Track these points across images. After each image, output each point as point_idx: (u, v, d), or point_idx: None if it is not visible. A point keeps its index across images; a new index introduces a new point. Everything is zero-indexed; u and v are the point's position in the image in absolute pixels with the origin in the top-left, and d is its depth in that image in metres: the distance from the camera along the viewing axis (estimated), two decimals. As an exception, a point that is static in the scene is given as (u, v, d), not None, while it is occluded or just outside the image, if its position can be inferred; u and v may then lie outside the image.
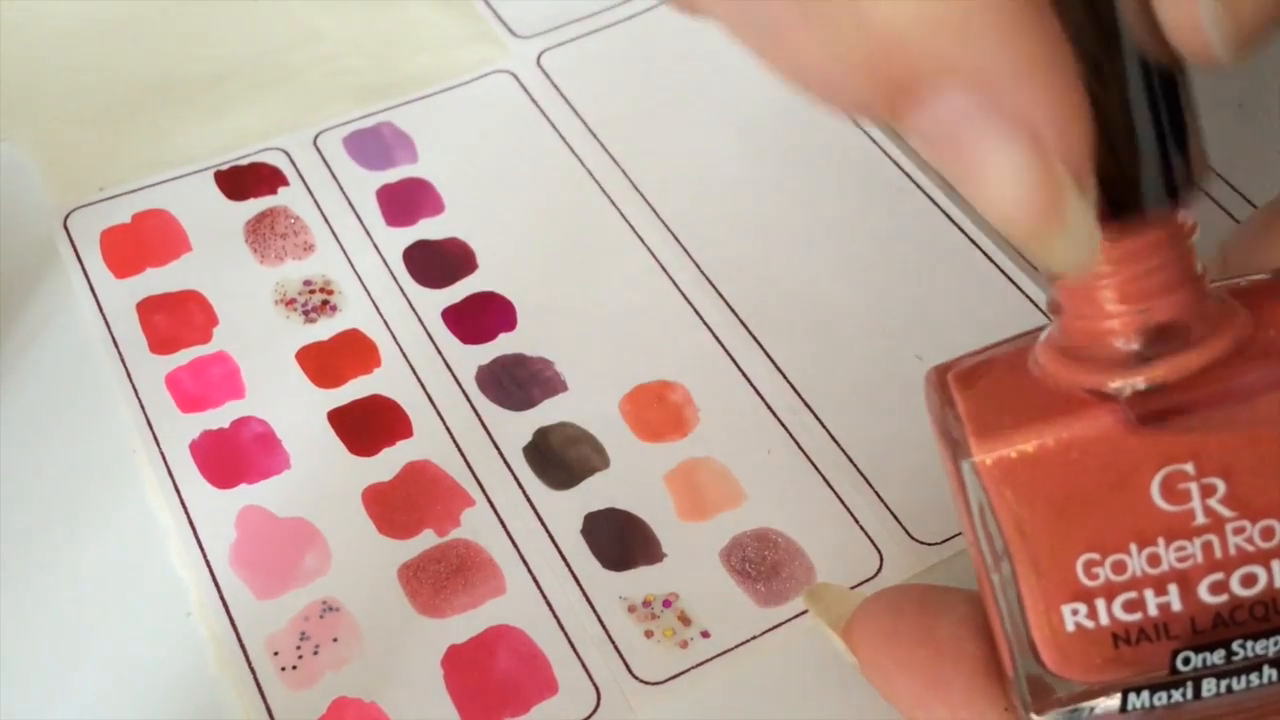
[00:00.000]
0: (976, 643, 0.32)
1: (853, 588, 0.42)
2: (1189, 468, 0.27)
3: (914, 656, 0.32)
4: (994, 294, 0.48)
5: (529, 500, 0.44)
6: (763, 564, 0.43)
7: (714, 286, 0.50)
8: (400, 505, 0.44)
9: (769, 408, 0.46)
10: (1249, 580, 0.28)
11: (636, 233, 0.51)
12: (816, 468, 0.45)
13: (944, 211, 0.51)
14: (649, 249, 0.51)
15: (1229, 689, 0.29)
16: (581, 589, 0.42)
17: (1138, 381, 0.27)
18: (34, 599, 0.42)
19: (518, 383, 0.47)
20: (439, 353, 0.48)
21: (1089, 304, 0.27)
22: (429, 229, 0.51)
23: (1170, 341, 0.27)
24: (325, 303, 0.49)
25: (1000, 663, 0.31)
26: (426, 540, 0.43)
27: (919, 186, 0.52)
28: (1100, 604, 0.28)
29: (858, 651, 0.33)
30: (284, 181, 0.53)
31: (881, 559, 0.43)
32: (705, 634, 0.41)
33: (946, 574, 0.42)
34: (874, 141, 0.53)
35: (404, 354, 0.48)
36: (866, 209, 0.52)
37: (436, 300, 0.49)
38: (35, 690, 0.40)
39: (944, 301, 0.49)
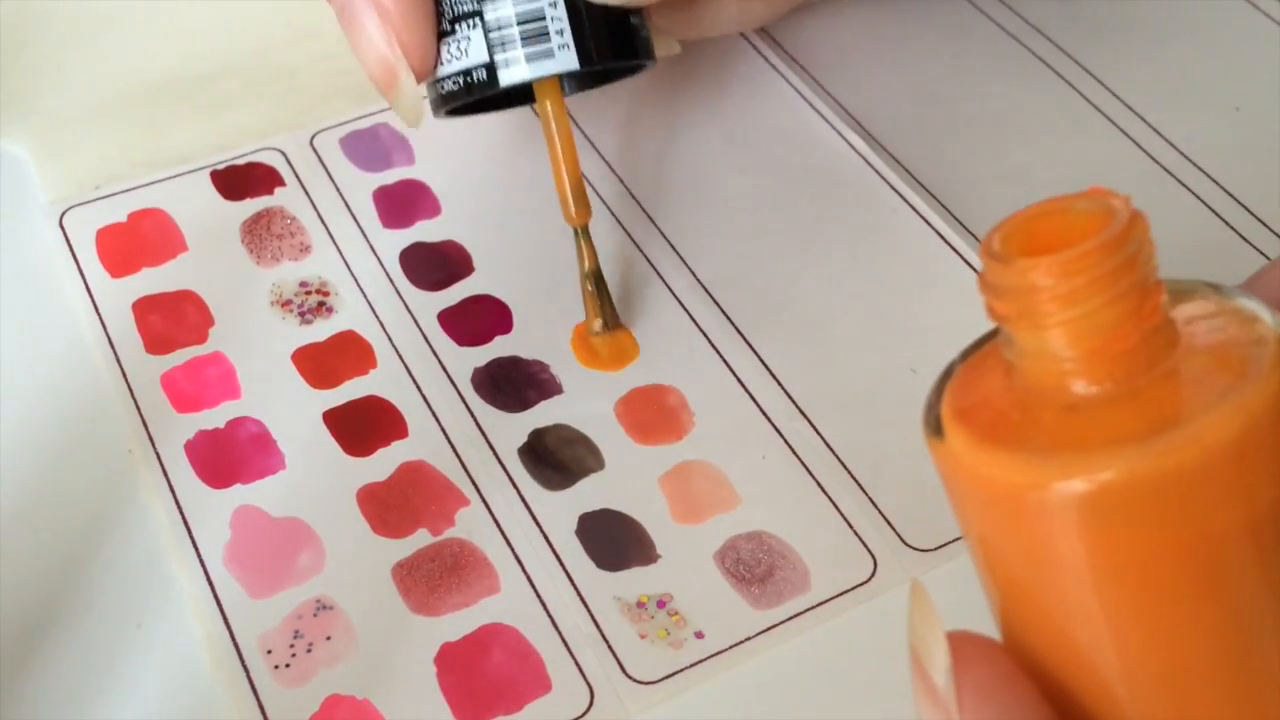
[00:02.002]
0: None
1: (846, 592, 0.42)
2: None
3: None
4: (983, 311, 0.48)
5: (524, 501, 0.44)
6: (757, 566, 0.43)
7: (709, 293, 0.50)
8: (395, 505, 0.44)
9: (764, 413, 0.46)
10: None
11: (631, 237, 0.51)
12: (811, 473, 0.45)
13: (937, 231, 0.51)
14: (643, 253, 0.51)
15: None
16: (575, 589, 0.42)
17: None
18: (29, 598, 0.42)
19: (513, 385, 0.47)
20: (435, 355, 0.48)
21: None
22: (425, 231, 0.51)
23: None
24: (321, 304, 0.49)
25: None
26: (421, 539, 0.43)
27: (913, 207, 0.52)
28: None
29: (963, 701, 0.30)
30: (280, 182, 0.53)
31: (875, 564, 0.43)
32: (699, 635, 0.41)
33: (940, 580, 0.42)
34: (869, 165, 0.53)
35: (400, 356, 0.48)
36: (861, 227, 0.52)
37: (432, 302, 0.49)
38: (31, 687, 0.40)
39: (936, 318, 0.49)
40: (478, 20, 0.44)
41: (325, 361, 0.48)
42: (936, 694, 0.27)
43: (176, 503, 0.44)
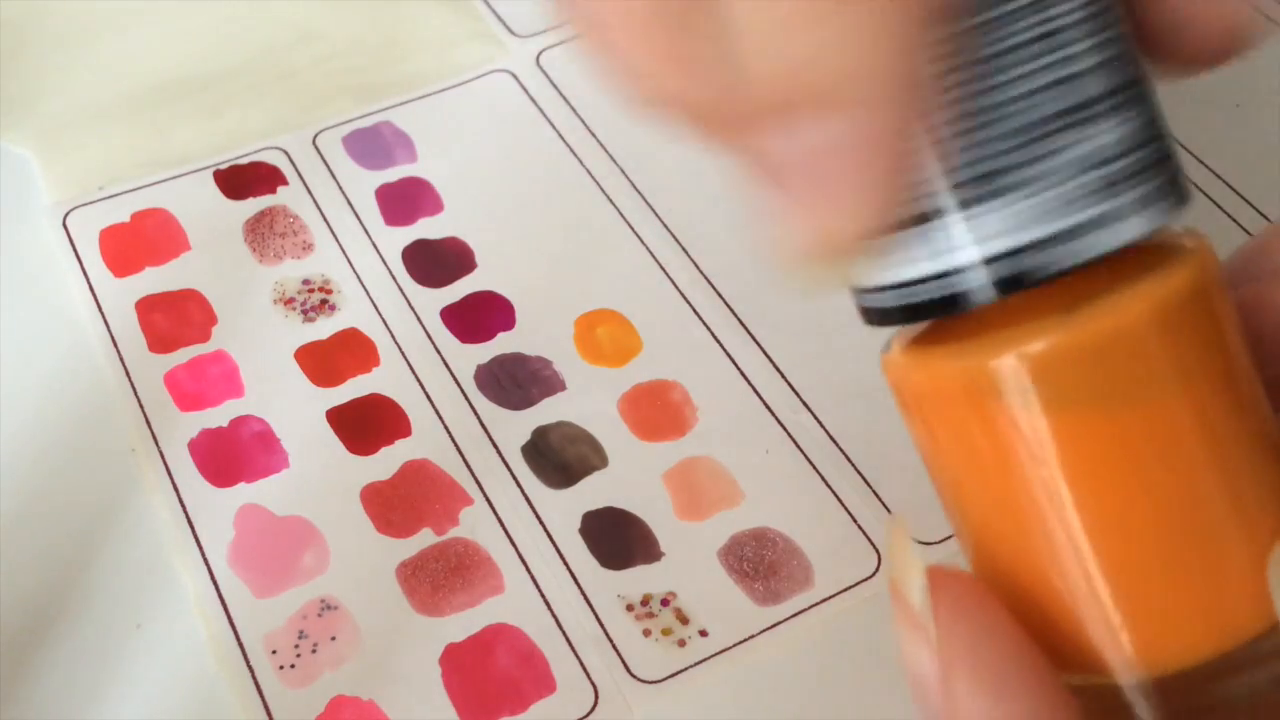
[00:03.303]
0: None
1: (850, 588, 0.42)
2: None
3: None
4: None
5: (527, 499, 0.44)
6: (760, 563, 0.43)
7: (712, 285, 0.50)
8: (399, 504, 0.44)
9: (767, 407, 0.46)
10: None
11: (635, 232, 0.51)
12: (815, 467, 0.45)
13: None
14: (647, 248, 0.51)
15: None
16: (580, 588, 0.42)
17: None
18: (33, 597, 0.42)
19: (516, 382, 0.47)
20: (438, 352, 0.48)
21: None
22: (428, 228, 0.51)
23: None
24: (324, 302, 0.49)
25: None
26: (425, 539, 0.43)
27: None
28: None
29: (942, 632, 0.27)
30: (283, 181, 0.53)
31: (879, 558, 0.43)
32: (703, 633, 0.41)
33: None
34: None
35: (403, 353, 0.48)
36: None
37: (435, 299, 0.49)
38: (34, 687, 0.40)
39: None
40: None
41: (328, 359, 0.48)
42: (914, 615, 0.27)
43: (180, 501, 0.44)
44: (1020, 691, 0.26)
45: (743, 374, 0.47)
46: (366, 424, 0.46)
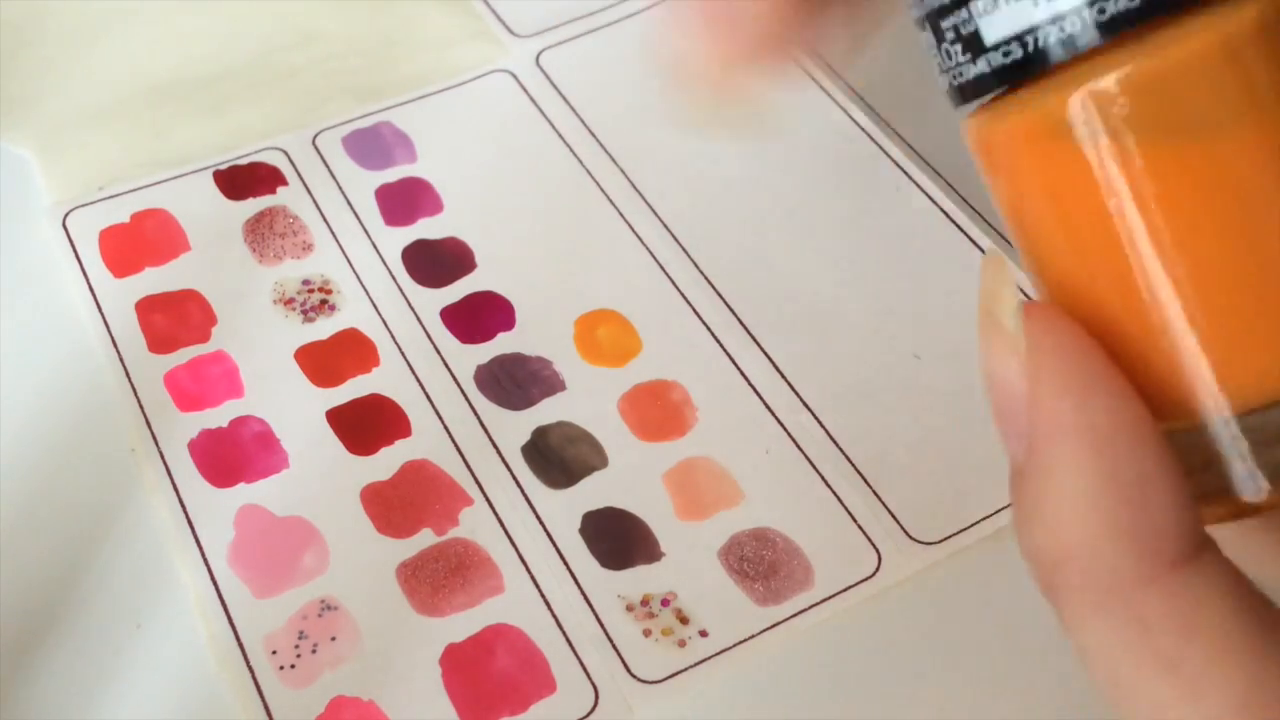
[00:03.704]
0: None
1: (850, 588, 0.42)
2: None
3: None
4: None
5: (527, 499, 0.44)
6: (760, 563, 0.43)
7: (712, 286, 0.50)
8: (399, 504, 0.44)
9: (767, 407, 0.46)
10: None
11: (635, 232, 0.51)
12: (815, 467, 0.45)
13: (942, 210, 0.51)
14: (647, 248, 0.51)
15: None
16: (580, 588, 0.42)
17: None
18: (30, 597, 0.42)
19: (516, 382, 0.47)
20: (438, 352, 0.48)
21: None
22: (428, 228, 0.51)
23: None
24: (324, 302, 0.49)
25: None
26: (425, 539, 0.43)
27: (918, 185, 0.52)
28: None
29: (1035, 351, 0.28)
30: (283, 181, 0.53)
31: (880, 558, 0.43)
32: (703, 633, 0.41)
33: (945, 574, 0.42)
34: (873, 140, 0.53)
35: (403, 353, 0.48)
36: (865, 208, 0.52)
37: (435, 299, 0.49)
38: (34, 687, 0.40)
39: (942, 300, 0.49)
40: None
41: (328, 359, 0.48)
42: (1005, 335, 0.28)
43: (180, 501, 0.44)
44: (1104, 393, 0.27)
45: (743, 374, 0.47)
46: (366, 424, 0.46)
